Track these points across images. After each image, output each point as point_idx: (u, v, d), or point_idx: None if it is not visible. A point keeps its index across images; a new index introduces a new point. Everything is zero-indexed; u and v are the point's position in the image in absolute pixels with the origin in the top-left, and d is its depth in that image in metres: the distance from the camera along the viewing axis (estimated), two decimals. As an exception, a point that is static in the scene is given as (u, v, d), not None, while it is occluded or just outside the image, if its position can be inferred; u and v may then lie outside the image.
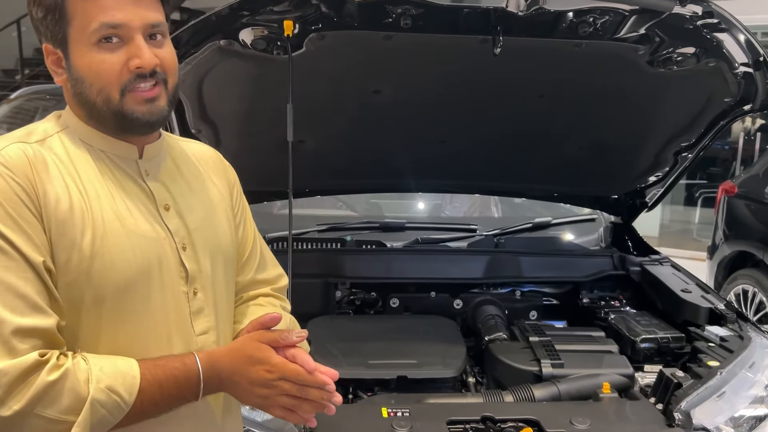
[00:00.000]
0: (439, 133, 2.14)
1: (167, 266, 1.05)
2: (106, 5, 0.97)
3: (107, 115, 1.01)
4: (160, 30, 1.02)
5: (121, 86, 0.98)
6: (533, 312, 2.31)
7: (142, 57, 0.98)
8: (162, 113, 1.03)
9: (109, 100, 0.99)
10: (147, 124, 1.02)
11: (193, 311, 1.08)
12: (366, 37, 1.65)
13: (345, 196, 2.88)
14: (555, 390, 1.67)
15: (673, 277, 2.21)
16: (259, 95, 1.86)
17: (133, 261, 1.01)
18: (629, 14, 1.61)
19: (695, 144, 2.16)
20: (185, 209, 1.10)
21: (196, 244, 1.09)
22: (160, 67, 1.01)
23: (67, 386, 0.90)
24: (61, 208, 0.96)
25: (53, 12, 0.98)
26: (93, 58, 0.98)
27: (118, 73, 0.98)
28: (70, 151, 1.02)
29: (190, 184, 1.14)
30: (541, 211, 2.82)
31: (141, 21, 0.99)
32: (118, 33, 0.98)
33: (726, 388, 1.58)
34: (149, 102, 1.01)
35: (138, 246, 1.01)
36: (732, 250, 4.22)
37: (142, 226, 1.03)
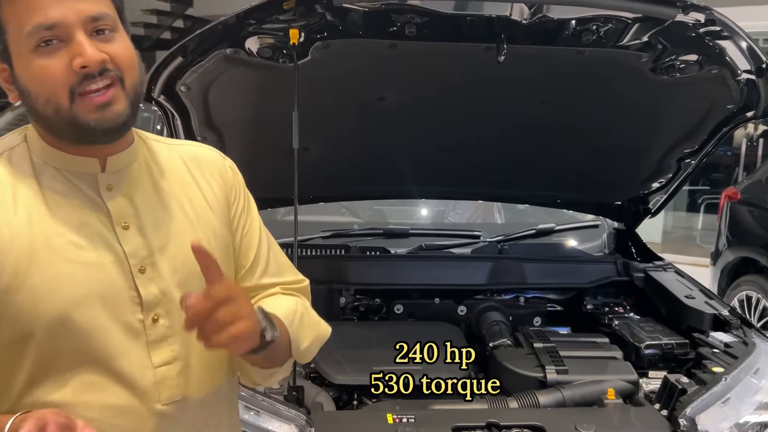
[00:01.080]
0: (443, 140, 2.15)
1: (113, 294, 0.94)
2: (36, 4, 0.87)
3: (61, 126, 0.91)
4: (107, 23, 0.91)
5: (69, 89, 0.88)
6: (537, 318, 2.31)
7: (85, 54, 0.87)
8: (119, 119, 0.91)
9: (59, 108, 0.89)
10: (103, 132, 0.91)
11: (152, 341, 0.97)
12: (371, 45, 1.67)
13: (349, 202, 2.89)
14: (560, 396, 1.67)
15: (676, 283, 2.22)
16: (264, 103, 1.88)
17: (64, 291, 0.90)
18: (632, 22, 1.63)
19: (698, 150, 2.16)
20: (152, 226, 0.99)
21: (161, 265, 0.98)
22: (110, 63, 0.90)
23: None
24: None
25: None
26: (34, 66, 0.88)
27: (63, 77, 0.88)
28: (17, 171, 0.94)
29: (165, 196, 1.02)
30: (545, 218, 2.83)
31: (78, 15, 0.88)
32: (55, 34, 0.87)
33: (731, 394, 1.58)
34: (103, 108, 0.90)
35: (71, 274, 0.91)
36: (735, 256, 4.22)
37: (83, 250, 0.93)
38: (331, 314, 2.18)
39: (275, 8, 1.51)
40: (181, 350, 1.00)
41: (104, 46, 0.90)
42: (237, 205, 1.11)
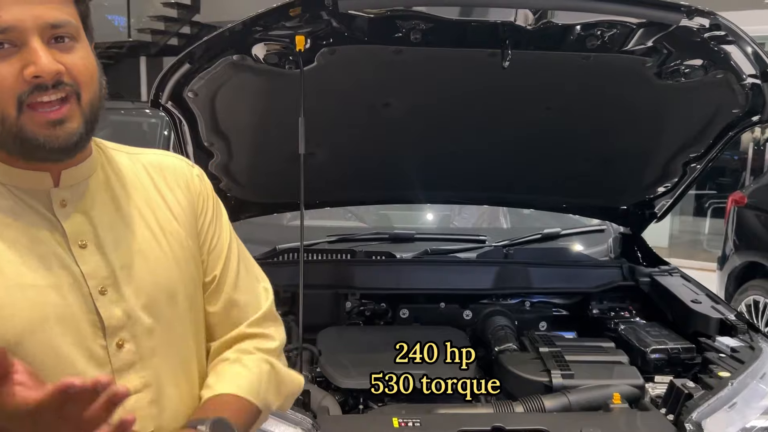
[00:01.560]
0: (448, 145, 2.16)
1: (70, 319, 0.86)
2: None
3: (7, 139, 0.83)
4: (67, 31, 0.83)
5: (17, 98, 0.80)
6: (543, 323, 2.31)
7: (38, 63, 0.79)
8: (72, 137, 0.84)
9: (4, 119, 0.81)
10: (52, 150, 0.84)
11: (117, 368, 0.90)
12: (376, 51, 1.68)
13: (354, 207, 2.90)
14: (565, 400, 1.67)
15: (683, 288, 2.21)
16: (270, 108, 1.89)
17: (15, 318, 0.83)
18: (636, 27, 1.63)
19: (704, 155, 2.16)
20: (113, 243, 0.91)
21: (123, 284, 0.91)
22: (67, 75, 0.82)
23: None
24: None
25: None
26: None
27: (12, 84, 0.80)
28: None
29: (126, 210, 0.95)
30: (550, 222, 2.83)
31: (35, 21, 0.80)
32: (8, 37, 0.79)
33: (737, 399, 1.57)
34: (54, 125, 0.82)
35: (24, 298, 0.83)
36: (742, 261, 4.21)
37: (36, 273, 0.85)
38: (336, 318, 2.19)
39: (281, 15, 1.53)
40: (152, 377, 0.93)
41: (62, 56, 0.82)
42: (205, 215, 1.04)
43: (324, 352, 1.89)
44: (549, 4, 1.54)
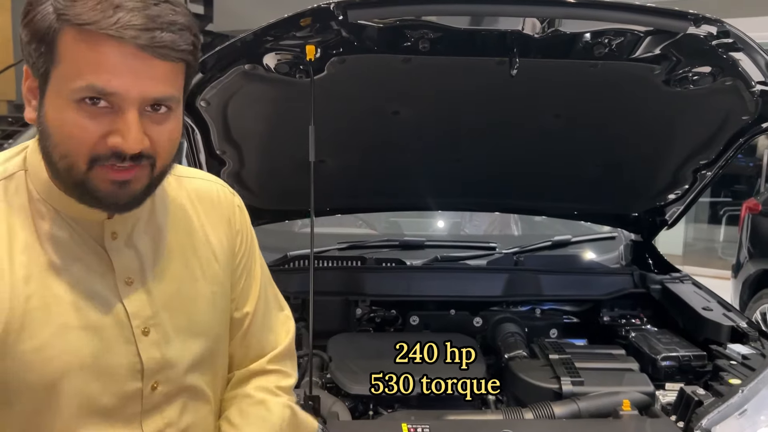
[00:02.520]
0: (458, 152, 2.17)
1: (110, 362, 0.85)
2: (103, 65, 0.74)
3: (69, 183, 0.81)
4: (168, 102, 0.81)
5: (91, 157, 0.78)
6: (553, 330, 2.31)
7: (127, 138, 0.77)
8: (134, 198, 0.83)
9: (72, 169, 0.79)
10: (111, 206, 0.83)
11: (146, 409, 0.90)
12: (385, 60, 1.70)
13: (365, 214, 2.92)
14: (575, 407, 1.67)
15: (694, 295, 2.21)
16: (281, 117, 1.92)
17: (57, 363, 0.82)
18: (644, 35, 1.64)
19: (714, 161, 2.16)
20: (156, 280, 0.90)
21: (167, 325, 0.90)
22: (150, 149, 0.80)
23: None
24: None
25: (40, 42, 0.76)
26: (68, 118, 0.77)
27: (92, 144, 0.78)
28: (13, 206, 0.83)
29: (169, 245, 0.93)
30: (561, 229, 2.83)
31: (140, 94, 0.77)
32: (108, 100, 0.77)
33: (748, 406, 1.56)
34: (120, 185, 0.80)
35: (67, 340, 0.82)
36: (757, 269, 4.17)
37: (82, 314, 0.83)
38: (347, 325, 2.21)
39: (292, 25, 1.55)
40: (175, 416, 0.93)
41: (152, 127, 0.80)
42: (242, 254, 1.04)
43: (334, 359, 1.90)
44: (556, 13, 1.55)
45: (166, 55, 0.77)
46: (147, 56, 0.75)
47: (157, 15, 0.75)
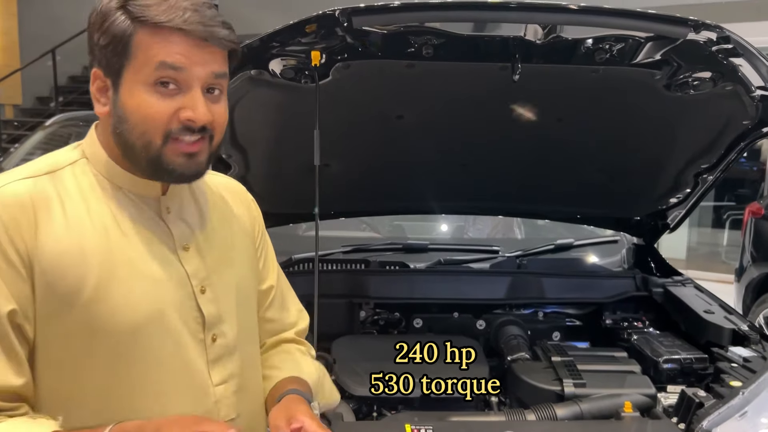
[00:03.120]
0: (462, 157, 2.20)
1: (180, 312, 0.99)
2: (173, 48, 0.92)
3: (142, 161, 0.96)
4: (220, 84, 0.98)
5: (165, 133, 0.94)
6: (556, 333, 2.32)
7: (196, 110, 0.93)
8: (199, 168, 0.99)
9: (150, 145, 0.94)
10: (180, 176, 0.98)
11: (212, 359, 1.02)
12: (389, 65, 1.72)
13: (368, 218, 2.94)
14: (577, 409, 1.68)
15: (695, 299, 2.22)
16: (287, 121, 1.94)
17: (139, 307, 0.94)
18: (645, 41, 1.66)
19: (715, 166, 2.17)
20: (206, 248, 1.05)
21: (217, 286, 1.04)
22: (211, 123, 0.96)
23: None
24: (59, 251, 0.91)
25: (117, 43, 0.92)
26: (144, 100, 0.93)
27: (167, 120, 0.93)
28: (83, 185, 0.97)
29: (212, 220, 1.09)
30: (564, 233, 2.84)
31: (204, 71, 0.94)
32: (177, 78, 0.93)
33: (748, 408, 1.58)
34: (189, 156, 0.96)
35: (148, 291, 0.96)
36: (760, 273, 4.17)
37: (155, 269, 0.97)
38: (351, 327, 2.23)
39: (298, 31, 1.58)
40: (234, 370, 1.05)
41: (211, 106, 0.96)
42: (261, 235, 1.21)
43: (338, 361, 1.92)
44: (558, 19, 1.57)
45: (220, 43, 0.95)
46: (207, 44, 0.94)
47: (211, 17, 0.94)
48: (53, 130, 6.36)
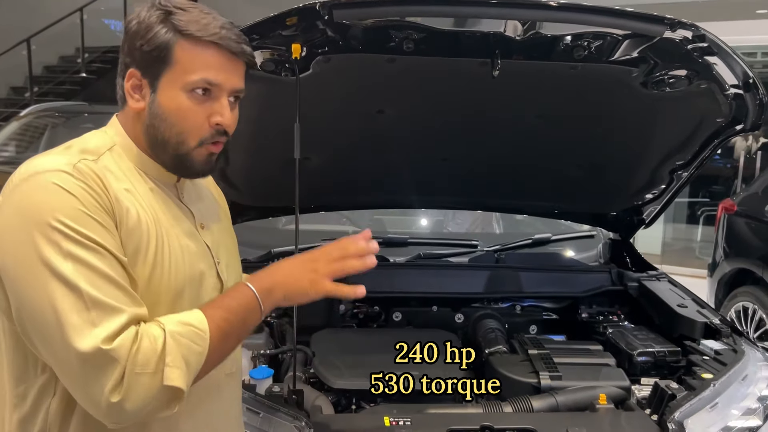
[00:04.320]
0: (441, 152, 2.21)
1: (208, 278, 1.14)
2: (211, 65, 1.06)
3: (170, 155, 1.09)
4: (240, 94, 1.12)
5: (201, 139, 1.08)
6: (533, 326, 2.35)
7: (225, 117, 1.08)
8: (212, 166, 1.13)
9: (183, 144, 1.07)
10: (198, 173, 1.12)
11: None
12: (370, 59, 1.72)
13: (349, 212, 2.94)
14: (553, 401, 1.71)
15: (669, 293, 2.26)
16: (266, 115, 1.93)
17: (184, 272, 1.08)
18: (622, 38, 1.68)
19: (690, 162, 2.21)
20: (212, 227, 1.20)
21: (224, 258, 1.20)
22: (230, 128, 1.11)
23: (145, 343, 0.96)
24: (131, 218, 1.03)
25: (159, 51, 1.05)
26: (183, 103, 1.06)
27: (201, 124, 1.07)
28: (123, 168, 1.08)
29: (208, 205, 1.24)
30: (541, 228, 2.87)
31: (232, 86, 1.09)
32: (211, 89, 1.07)
33: (719, 400, 1.62)
34: (211, 156, 1.11)
35: (188, 259, 1.10)
36: (732, 268, 4.26)
37: (190, 242, 1.12)
38: (330, 321, 2.23)
39: (278, 24, 1.57)
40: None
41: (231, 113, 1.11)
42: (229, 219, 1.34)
43: (317, 354, 1.93)
44: (537, 15, 1.59)
45: (246, 58, 1.11)
46: (236, 59, 1.09)
47: (238, 35, 1.10)
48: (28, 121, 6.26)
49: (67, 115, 6.32)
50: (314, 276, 1.13)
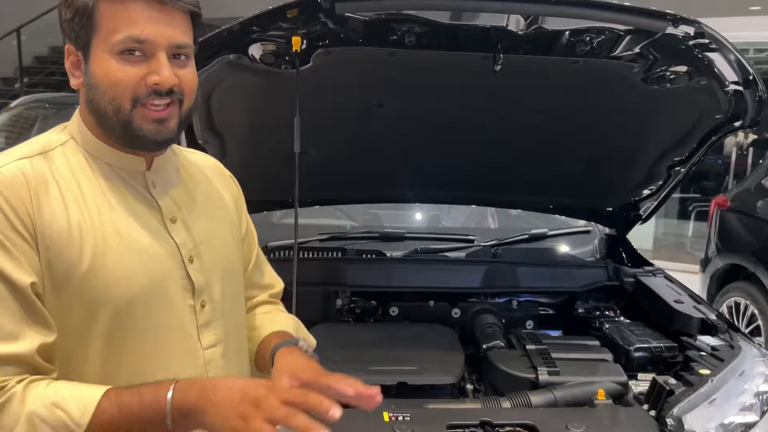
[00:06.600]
0: (440, 146, 2.20)
1: (172, 281, 1.04)
2: (136, 19, 0.96)
3: (115, 126, 1.00)
4: (185, 51, 1.02)
5: (134, 97, 0.97)
6: (530, 321, 2.35)
7: (161, 74, 0.97)
8: (170, 134, 1.02)
9: (119, 110, 0.98)
10: (153, 142, 1.02)
11: (201, 324, 1.08)
12: (371, 53, 1.71)
13: (344, 206, 2.93)
14: (551, 396, 1.71)
15: (666, 288, 2.26)
16: (265, 108, 1.92)
17: (134, 279, 0.99)
18: (624, 34, 1.68)
19: (688, 158, 2.21)
20: (191, 221, 1.10)
21: (203, 256, 1.09)
22: (178, 87, 1.00)
23: (11, 408, 0.87)
24: (58, 228, 0.95)
25: (81, 16, 0.97)
26: (111, 67, 0.97)
27: (135, 85, 0.97)
28: (73, 164, 1.01)
29: (195, 195, 1.14)
30: (537, 223, 2.87)
31: (167, 40, 0.98)
32: (142, 47, 0.97)
33: (717, 396, 1.62)
34: (159, 122, 1.00)
35: (140, 263, 1.00)
36: (724, 263, 4.28)
37: (145, 241, 1.02)
38: (327, 315, 2.22)
39: (279, 16, 1.55)
40: (221, 335, 1.11)
41: (177, 70, 1.00)
42: (241, 212, 1.27)
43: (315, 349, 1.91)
44: (540, 10, 1.58)
45: (182, 7, 0.99)
46: (167, 8, 0.98)
47: None
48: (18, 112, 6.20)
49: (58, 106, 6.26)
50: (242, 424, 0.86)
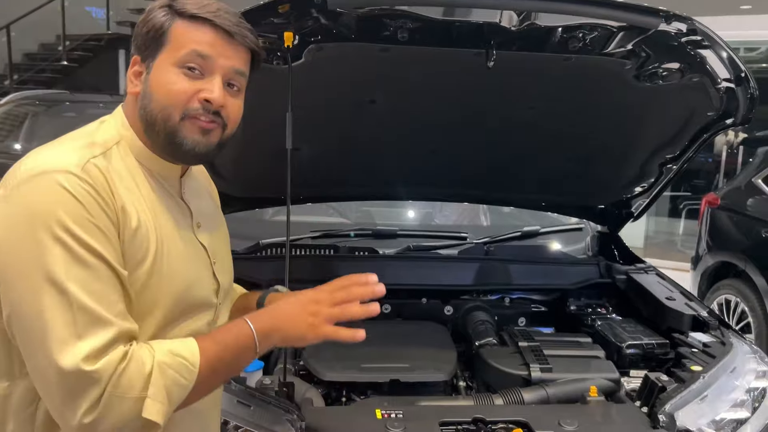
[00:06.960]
0: (432, 143, 2.19)
1: (204, 280, 1.12)
2: (204, 39, 1.04)
3: (161, 134, 1.04)
4: (239, 82, 1.08)
5: (184, 110, 1.03)
6: (522, 318, 2.36)
7: (214, 92, 1.03)
8: (209, 149, 1.07)
9: (169, 119, 1.03)
10: (192, 153, 1.06)
11: (215, 318, 1.16)
12: (363, 49, 1.70)
13: (336, 203, 2.91)
14: (543, 393, 1.71)
15: (657, 285, 2.27)
16: (257, 104, 1.88)
17: (181, 278, 1.06)
18: (617, 30, 1.67)
19: (679, 156, 2.22)
20: (207, 223, 1.17)
21: (220, 257, 1.18)
22: (225, 111, 1.05)
23: (140, 362, 0.94)
24: (132, 224, 1.00)
25: (156, 32, 1.04)
26: (170, 78, 1.03)
27: (187, 99, 1.03)
28: (128, 165, 1.05)
29: (208, 201, 1.22)
30: (529, 220, 2.87)
31: (227, 63, 1.05)
32: (202, 65, 1.03)
33: (708, 392, 1.63)
34: (203, 133, 1.05)
35: (185, 263, 1.07)
36: (715, 261, 4.31)
37: (187, 243, 1.09)
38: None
39: (270, 11, 1.54)
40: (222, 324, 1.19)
41: (227, 98, 1.06)
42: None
43: (307, 346, 1.91)
44: (533, 6, 1.57)
45: (245, 41, 1.07)
46: (233, 40, 1.06)
47: (239, 19, 1.08)
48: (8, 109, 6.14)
49: (48, 103, 6.21)
50: (313, 320, 1.09)
